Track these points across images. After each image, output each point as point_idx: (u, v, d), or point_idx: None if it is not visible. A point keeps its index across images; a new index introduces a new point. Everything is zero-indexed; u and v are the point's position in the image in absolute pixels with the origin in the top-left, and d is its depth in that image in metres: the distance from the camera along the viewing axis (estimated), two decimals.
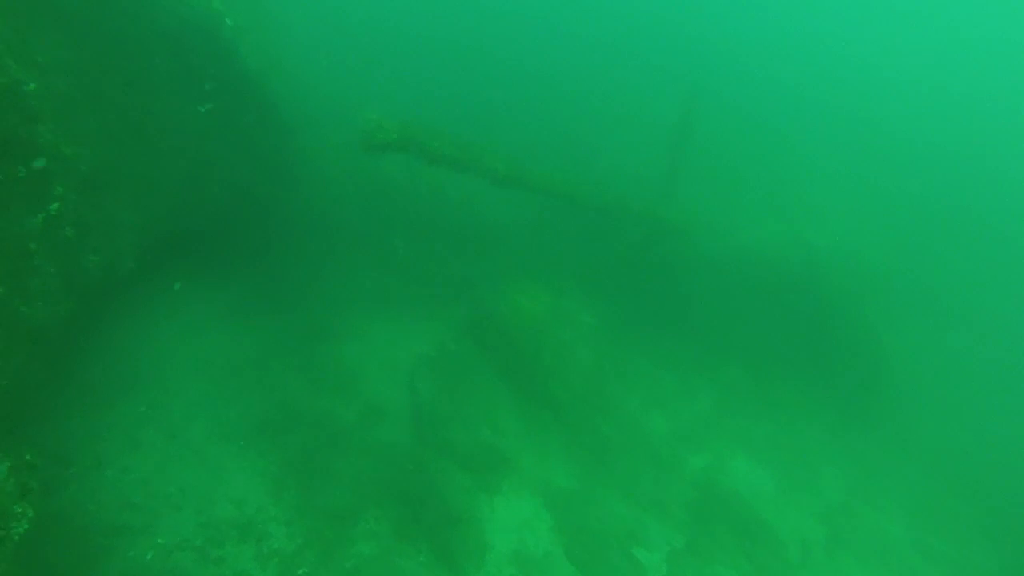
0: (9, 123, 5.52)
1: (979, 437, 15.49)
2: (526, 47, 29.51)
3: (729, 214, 14.25)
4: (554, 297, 11.03)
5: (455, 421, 9.46)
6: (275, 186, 12.01)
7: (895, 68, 34.34)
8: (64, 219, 6.30)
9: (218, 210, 11.04)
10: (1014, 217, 20.84)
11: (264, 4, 12.29)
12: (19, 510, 3.56)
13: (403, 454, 9.45)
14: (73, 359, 8.46)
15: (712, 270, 13.28)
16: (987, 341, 17.93)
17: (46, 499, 7.26)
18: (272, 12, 12.93)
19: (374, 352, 11.43)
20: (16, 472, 3.56)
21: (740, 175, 15.98)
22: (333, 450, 9.28)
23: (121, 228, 8.14)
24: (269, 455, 8.80)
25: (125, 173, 8.53)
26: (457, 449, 9.24)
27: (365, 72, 20.45)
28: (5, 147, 5.54)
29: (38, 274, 5.82)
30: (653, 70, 25.41)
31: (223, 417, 9.13)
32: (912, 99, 30.02)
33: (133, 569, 7.06)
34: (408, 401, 10.33)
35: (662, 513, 9.66)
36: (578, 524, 9.21)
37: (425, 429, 9.47)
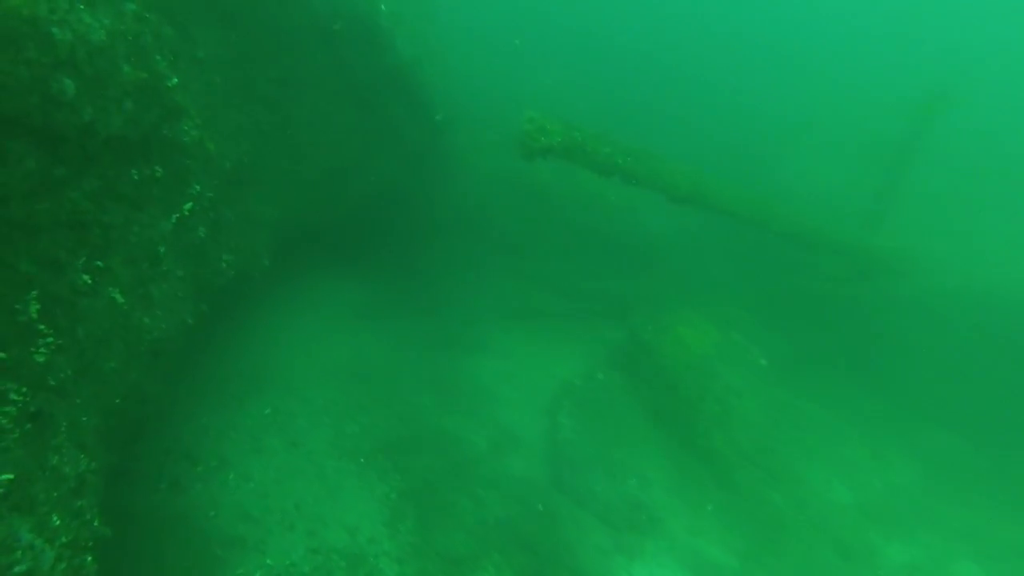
0: (149, 120, 5.09)
1: None
2: (699, 50, 27.25)
3: (962, 249, 11.37)
4: (722, 332, 9.31)
5: (597, 465, 8.21)
6: (421, 184, 11.47)
7: None
8: (198, 219, 5.90)
9: (359, 207, 10.68)
10: None
11: None
12: None
13: (535, 494, 8.39)
14: (206, 357, 8.38)
15: (927, 315, 10.56)
16: None
17: (175, 496, 7.17)
18: None
19: (513, 371, 10.48)
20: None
21: (983, 198, 12.84)
22: (458, 480, 8.44)
23: (259, 225, 7.84)
24: (389, 478, 8.14)
25: (268, 168, 8.25)
26: (596, 498, 8.00)
27: (524, 67, 19.62)
28: (145, 145, 5.14)
29: (166, 279, 5.41)
30: (861, 67, 21.97)
31: (347, 430, 8.65)
32: None
33: None
34: (546, 432, 9.25)
35: None
36: None
37: (562, 470, 8.31)
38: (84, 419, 4.05)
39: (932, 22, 32.03)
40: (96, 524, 3.39)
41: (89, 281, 4.27)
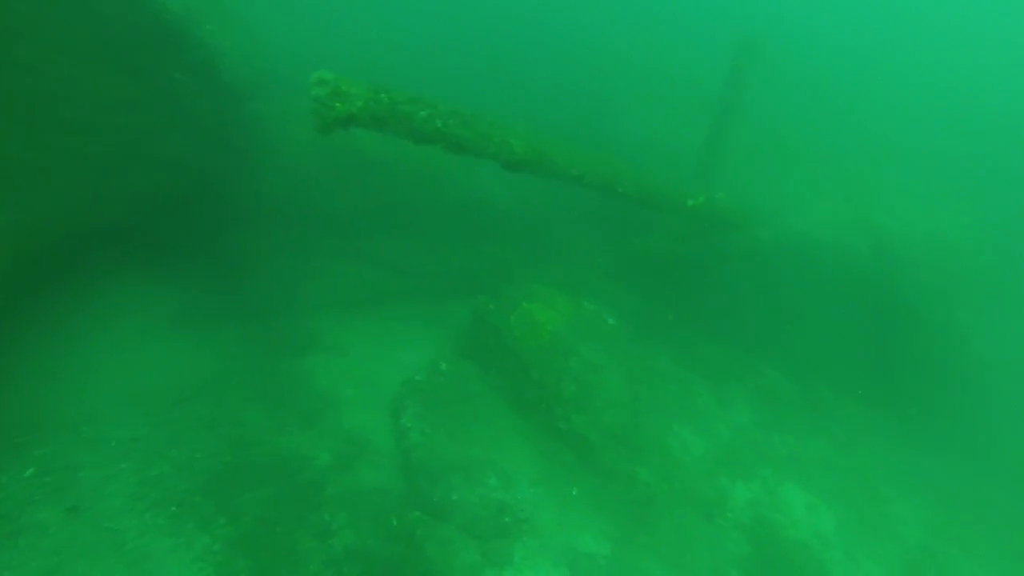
0: None
1: None
2: None
3: (778, 195, 12.05)
4: (573, 301, 8.85)
5: (454, 469, 7.45)
6: (224, 165, 9.72)
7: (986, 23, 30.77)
8: None
9: (151, 198, 8.82)
10: None
11: None
12: None
13: (390, 510, 7.48)
14: None
15: (751, 260, 11.18)
16: None
17: None
18: None
19: (353, 368, 9.35)
20: None
21: (793, 149, 13.74)
22: (300, 508, 7.29)
23: None
24: (213, 525, 6.79)
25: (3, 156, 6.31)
26: (456, 508, 7.26)
27: (334, 22, 17.63)
28: None
29: None
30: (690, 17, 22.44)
31: (154, 472, 7.11)
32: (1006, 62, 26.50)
33: None
34: (396, 435, 8.32)
35: None
36: None
37: (417, 480, 7.46)
38: None
39: None
40: None
41: None
